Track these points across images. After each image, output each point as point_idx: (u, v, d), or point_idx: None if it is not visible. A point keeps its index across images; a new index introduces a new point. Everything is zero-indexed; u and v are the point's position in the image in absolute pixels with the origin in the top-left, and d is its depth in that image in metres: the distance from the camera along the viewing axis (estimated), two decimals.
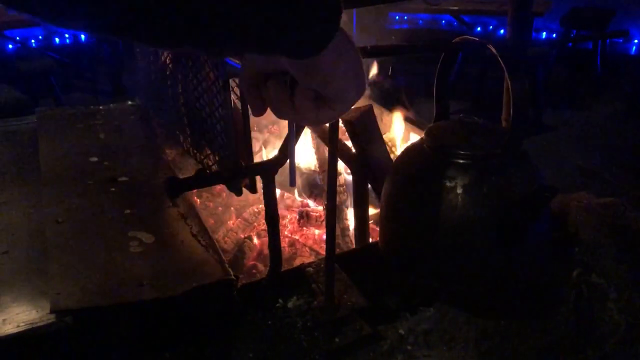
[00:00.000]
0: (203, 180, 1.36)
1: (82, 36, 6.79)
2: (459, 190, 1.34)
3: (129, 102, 2.70)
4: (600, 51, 5.87)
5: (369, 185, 1.78)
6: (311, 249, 2.10)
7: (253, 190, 1.61)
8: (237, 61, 1.32)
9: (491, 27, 6.90)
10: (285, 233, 2.15)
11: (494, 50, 1.25)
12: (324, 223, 2.11)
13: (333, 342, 1.57)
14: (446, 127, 1.48)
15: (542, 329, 1.71)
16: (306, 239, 2.13)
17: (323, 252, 2.11)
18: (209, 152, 1.78)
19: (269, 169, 1.38)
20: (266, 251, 2.07)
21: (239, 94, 1.51)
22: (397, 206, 1.47)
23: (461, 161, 1.36)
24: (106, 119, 2.54)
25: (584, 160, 4.04)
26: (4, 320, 1.49)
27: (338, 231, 2.00)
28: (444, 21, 7.24)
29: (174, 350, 1.57)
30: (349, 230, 2.05)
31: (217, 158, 1.68)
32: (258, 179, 1.55)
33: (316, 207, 2.15)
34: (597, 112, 5.15)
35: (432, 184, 1.38)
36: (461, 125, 1.46)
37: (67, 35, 6.92)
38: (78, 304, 1.49)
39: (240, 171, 1.40)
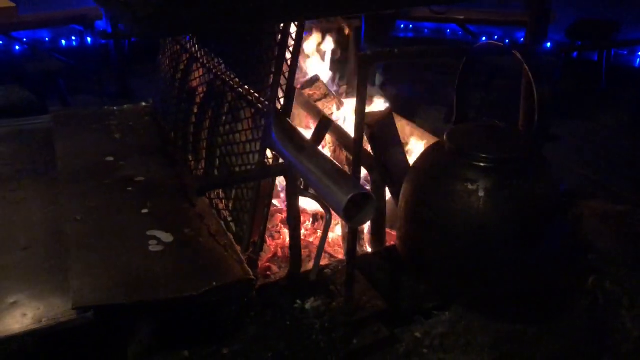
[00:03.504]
0: (233, 178, 1.37)
1: (89, 39, 6.80)
2: (481, 193, 1.35)
3: (143, 104, 2.72)
4: (605, 63, 5.90)
5: (387, 189, 1.79)
6: (325, 251, 2.11)
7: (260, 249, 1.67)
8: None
9: (496, 37, 6.92)
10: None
11: (519, 56, 1.27)
12: (337, 226, 2.12)
13: (351, 343, 1.58)
14: (467, 130, 1.49)
15: (557, 334, 1.72)
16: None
17: (336, 255, 2.12)
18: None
19: (293, 170, 1.40)
20: (280, 253, 2.09)
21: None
22: (417, 208, 1.49)
23: (483, 164, 1.37)
24: (120, 120, 2.55)
25: (588, 170, 4.06)
26: (24, 314, 1.50)
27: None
28: (448, 30, 7.26)
29: (193, 349, 1.57)
30: (362, 233, 2.06)
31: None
32: None
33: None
34: (601, 123, 5.16)
35: (453, 186, 1.40)
36: (482, 128, 1.48)
37: (73, 38, 6.94)
38: (100, 301, 1.50)
39: (267, 170, 1.41)
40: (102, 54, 6.31)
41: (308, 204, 2.12)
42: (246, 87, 1.64)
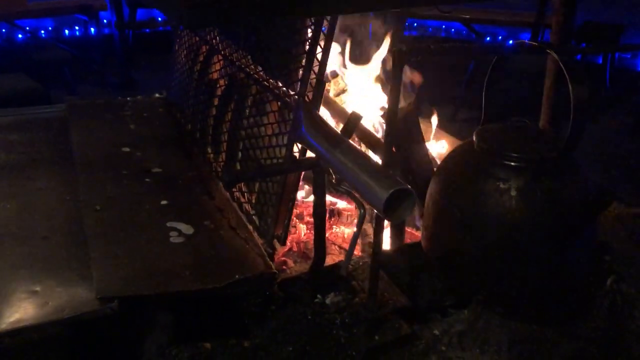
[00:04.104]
0: (263, 171, 1.37)
1: (92, 29, 6.77)
2: (513, 193, 1.36)
3: (156, 95, 2.71)
4: (610, 65, 5.91)
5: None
6: (340, 247, 2.11)
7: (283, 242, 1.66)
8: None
9: (500, 37, 6.93)
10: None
11: (555, 55, 1.27)
12: (355, 221, 2.12)
13: (372, 339, 1.58)
14: (496, 130, 1.50)
15: (574, 336, 1.73)
16: (335, 238, 2.14)
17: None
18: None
19: (322, 164, 1.40)
20: (295, 247, 2.08)
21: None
22: (446, 207, 1.49)
23: (514, 164, 1.37)
24: (134, 110, 2.54)
25: (595, 173, 4.06)
26: (45, 303, 1.49)
27: (370, 231, 2.01)
28: (453, 29, 7.26)
29: (215, 341, 1.57)
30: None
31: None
32: None
33: (347, 206, 2.17)
34: (605, 126, 5.17)
35: (484, 185, 1.40)
36: (511, 128, 1.48)
37: (77, 28, 6.90)
38: (124, 291, 1.50)
39: (297, 163, 1.41)
40: (106, 45, 6.28)
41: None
42: (272, 80, 1.63)
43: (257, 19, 1.09)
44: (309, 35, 1.44)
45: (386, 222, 2.10)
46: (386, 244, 2.11)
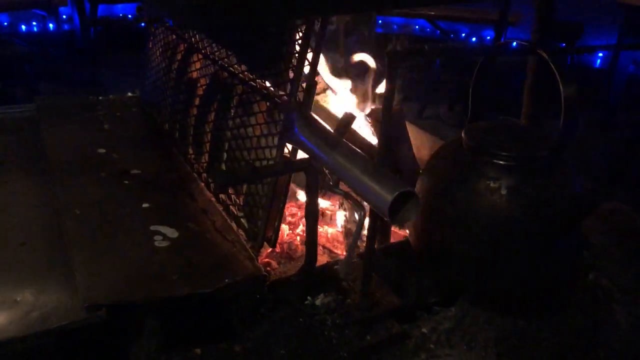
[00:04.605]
0: (257, 174, 1.35)
1: (51, 25, 6.58)
2: (503, 191, 1.37)
3: (129, 94, 2.65)
4: (570, 63, 6.05)
5: None
6: (324, 247, 2.10)
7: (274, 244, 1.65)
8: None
9: (463, 34, 7.02)
10: (297, 231, 2.14)
11: (544, 55, 1.29)
12: (336, 221, 2.12)
13: (365, 340, 1.58)
14: (484, 128, 1.51)
15: (556, 329, 1.76)
16: (319, 238, 2.13)
17: (335, 250, 2.11)
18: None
19: (315, 165, 1.39)
20: (278, 249, 2.06)
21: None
22: (436, 205, 1.49)
23: (504, 162, 1.39)
24: (108, 109, 2.48)
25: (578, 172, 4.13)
26: (28, 312, 1.44)
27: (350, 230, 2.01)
28: (417, 26, 7.32)
29: (205, 347, 1.54)
30: (364, 229, 2.05)
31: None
32: None
33: (330, 206, 2.16)
34: (538, 117, 5.25)
35: (475, 184, 1.41)
36: (499, 126, 1.49)
37: (34, 23, 6.70)
38: (112, 299, 1.45)
39: (290, 165, 1.40)
40: (67, 42, 6.12)
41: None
42: (260, 80, 1.61)
43: (263, 19, 1.07)
44: (300, 35, 1.43)
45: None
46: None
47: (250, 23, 1.34)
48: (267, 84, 1.59)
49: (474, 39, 7.03)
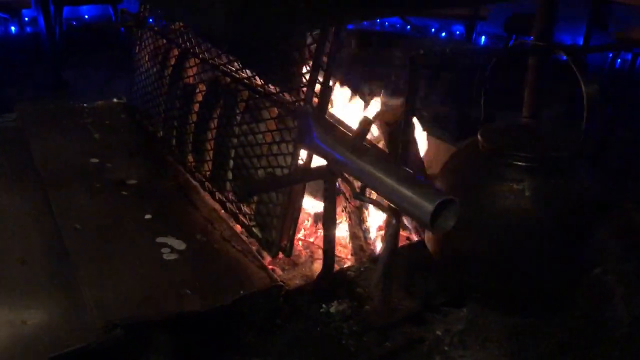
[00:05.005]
0: (278, 182, 1.31)
1: (13, 28, 6.38)
2: (527, 193, 1.37)
3: (115, 100, 2.57)
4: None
5: None
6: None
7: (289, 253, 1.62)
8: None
9: (433, 29, 7.07)
10: (299, 236, 2.10)
11: (564, 54, 1.29)
12: (341, 225, 2.09)
13: (383, 346, 1.56)
14: (500, 130, 1.50)
15: (564, 325, 1.78)
16: (321, 242, 2.10)
17: (339, 255, 2.09)
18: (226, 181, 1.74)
19: (333, 172, 1.36)
20: (281, 255, 2.03)
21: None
22: None
23: (526, 164, 1.38)
24: (95, 117, 2.40)
25: None
26: (39, 334, 1.38)
27: (360, 234, 1.99)
28: (387, 23, 7.33)
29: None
30: (369, 232, 2.04)
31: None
32: None
33: None
34: (545, 116, 5.35)
35: (496, 186, 1.40)
36: (515, 127, 1.49)
37: None
38: (127, 317, 1.40)
39: (309, 172, 1.37)
40: (31, 45, 5.93)
41: (310, 204, 2.07)
42: (269, 86, 1.57)
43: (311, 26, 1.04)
44: (316, 39, 1.39)
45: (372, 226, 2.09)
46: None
47: (277, 35, 1.31)
48: (277, 89, 1.55)
49: (443, 34, 7.09)
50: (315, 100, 1.43)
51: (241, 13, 0.88)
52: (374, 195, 1.52)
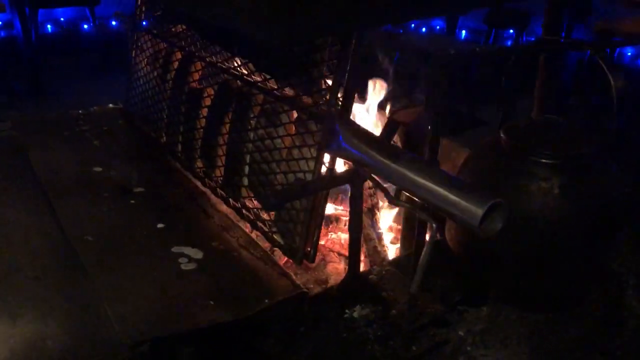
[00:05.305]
0: (306, 189, 1.28)
1: None
2: (556, 191, 1.36)
3: (111, 106, 2.50)
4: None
5: None
6: (339, 253, 2.05)
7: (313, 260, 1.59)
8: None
9: (413, 25, 7.07)
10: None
11: (593, 50, 1.28)
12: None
13: (410, 351, 1.54)
14: (524, 127, 1.49)
15: (580, 319, 1.78)
16: (332, 244, 2.07)
17: None
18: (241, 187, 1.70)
19: (361, 176, 1.33)
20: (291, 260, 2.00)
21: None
22: None
23: (553, 161, 1.37)
24: (92, 124, 2.33)
25: None
26: (64, 354, 1.32)
27: (373, 235, 1.97)
28: None
29: None
30: (382, 234, 2.02)
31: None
32: None
33: (343, 211, 2.10)
34: (518, 107, 5.40)
35: (524, 184, 1.39)
36: (538, 124, 1.48)
37: None
38: (152, 332, 1.36)
39: (338, 177, 1.34)
40: (9, 49, 5.77)
41: None
42: (284, 89, 1.53)
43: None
44: (337, 41, 1.36)
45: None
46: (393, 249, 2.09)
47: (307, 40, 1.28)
48: (295, 92, 1.51)
49: (424, 29, 7.10)
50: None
51: (289, 16, 0.85)
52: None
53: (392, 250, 2.05)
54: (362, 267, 1.93)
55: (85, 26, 6.72)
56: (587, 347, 1.71)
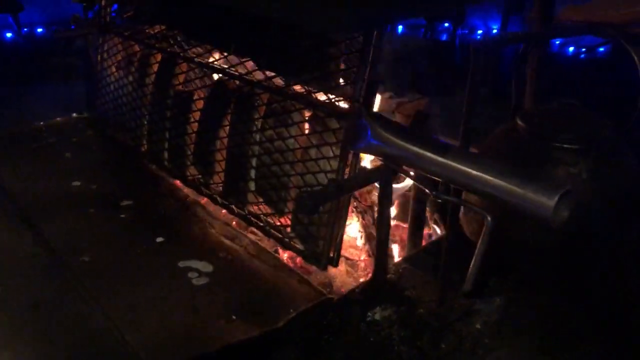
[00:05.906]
0: (341, 189, 1.21)
1: None
2: (584, 176, 1.35)
3: (75, 115, 2.33)
4: (458, 42, 6.33)
5: None
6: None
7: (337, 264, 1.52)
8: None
9: None
10: None
11: (624, 42, 1.29)
12: (350, 227, 2.01)
13: (440, 349, 1.50)
14: (541, 113, 1.48)
15: (590, 305, 1.80)
16: None
17: (352, 258, 2.01)
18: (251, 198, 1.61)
19: (390, 172, 1.28)
20: (299, 261, 1.92)
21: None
22: None
23: (578, 146, 1.36)
24: (59, 136, 2.16)
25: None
26: None
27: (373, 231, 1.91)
28: None
29: None
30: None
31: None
32: None
33: None
34: (462, 98, 5.50)
35: (550, 171, 1.37)
36: (555, 110, 1.47)
37: None
38: (179, 355, 1.25)
39: (370, 175, 1.28)
40: None
41: None
42: (298, 86, 1.45)
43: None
44: (360, 34, 1.30)
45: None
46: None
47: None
48: (307, 89, 1.43)
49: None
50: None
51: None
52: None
53: (393, 250, 2.01)
54: (368, 267, 1.89)
55: (9, 34, 6.35)
56: (595, 337, 1.73)
